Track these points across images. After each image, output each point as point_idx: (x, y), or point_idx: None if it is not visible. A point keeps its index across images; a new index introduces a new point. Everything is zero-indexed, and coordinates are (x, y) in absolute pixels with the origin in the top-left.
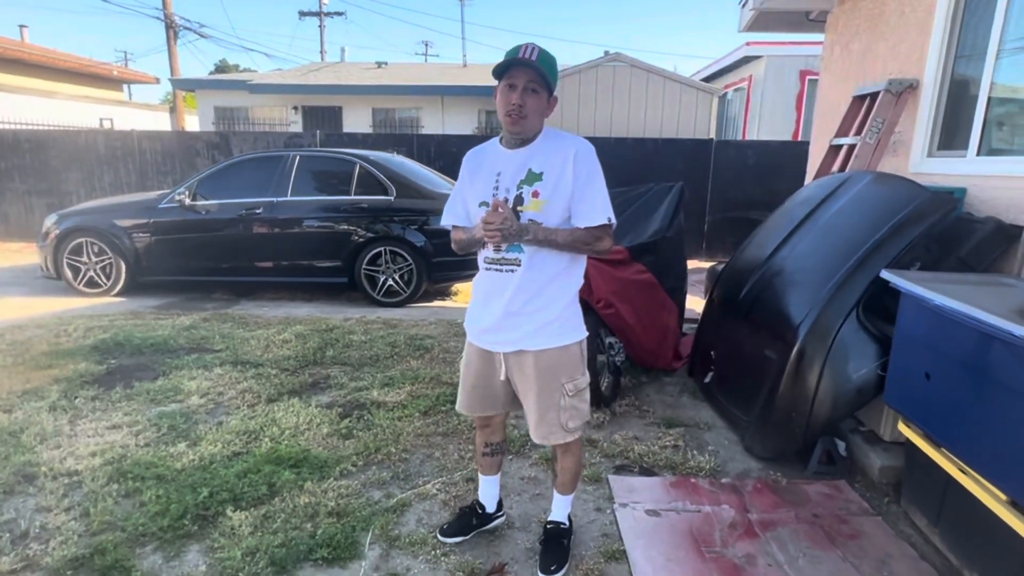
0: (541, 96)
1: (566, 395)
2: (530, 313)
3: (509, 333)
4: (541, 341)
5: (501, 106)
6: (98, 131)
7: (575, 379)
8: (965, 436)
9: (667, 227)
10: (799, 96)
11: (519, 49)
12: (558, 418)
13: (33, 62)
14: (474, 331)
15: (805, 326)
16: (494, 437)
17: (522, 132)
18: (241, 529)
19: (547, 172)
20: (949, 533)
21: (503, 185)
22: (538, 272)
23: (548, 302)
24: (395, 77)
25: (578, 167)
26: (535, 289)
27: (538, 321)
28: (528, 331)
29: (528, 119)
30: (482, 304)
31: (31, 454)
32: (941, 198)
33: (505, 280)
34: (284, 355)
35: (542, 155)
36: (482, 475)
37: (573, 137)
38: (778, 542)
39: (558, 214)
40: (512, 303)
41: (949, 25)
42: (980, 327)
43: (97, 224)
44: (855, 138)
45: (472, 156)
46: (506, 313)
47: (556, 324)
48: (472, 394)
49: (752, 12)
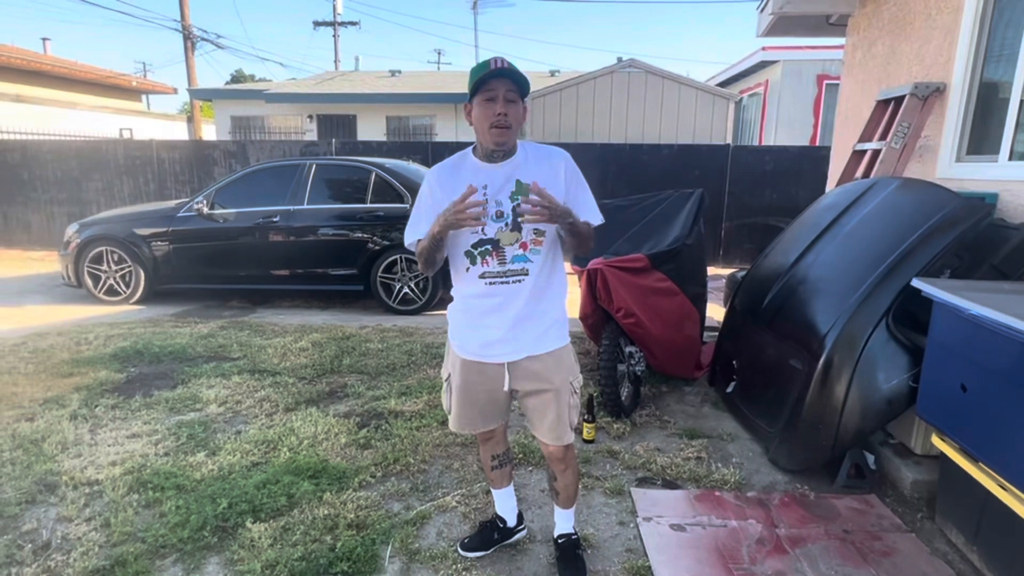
0: (519, 105)
1: (574, 393)
2: (535, 317)
3: (516, 343)
4: (549, 343)
5: (484, 119)
6: (118, 141)
7: (576, 375)
8: (1005, 451)
9: (687, 234)
10: (816, 100)
11: (488, 63)
12: (568, 416)
13: (55, 74)
14: (472, 348)
15: (832, 335)
16: (498, 448)
17: (508, 143)
18: (261, 541)
19: (540, 182)
20: (988, 551)
21: (492, 197)
22: (542, 279)
23: (549, 306)
24: (408, 85)
25: (569, 176)
26: (539, 295)
27: (543, 325)
28: (535, 336)
29: (512, 128)
30: (482, 319)
31: (53, 463)
32: (974, 204)
33: (514, 291)
34: (301, 363)
35: (530, 166)
36: (495, 489)
37: (554, 148)
38: (808, 559)
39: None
40: (523, 312)
41: (978, 26)
42: (1019, 337)
43: (117, 233)
44: (880, 143)
45: (445, 172)
46: (515, 321)
47: (557, 325)
48: (471, 411)
49: (771, 16)
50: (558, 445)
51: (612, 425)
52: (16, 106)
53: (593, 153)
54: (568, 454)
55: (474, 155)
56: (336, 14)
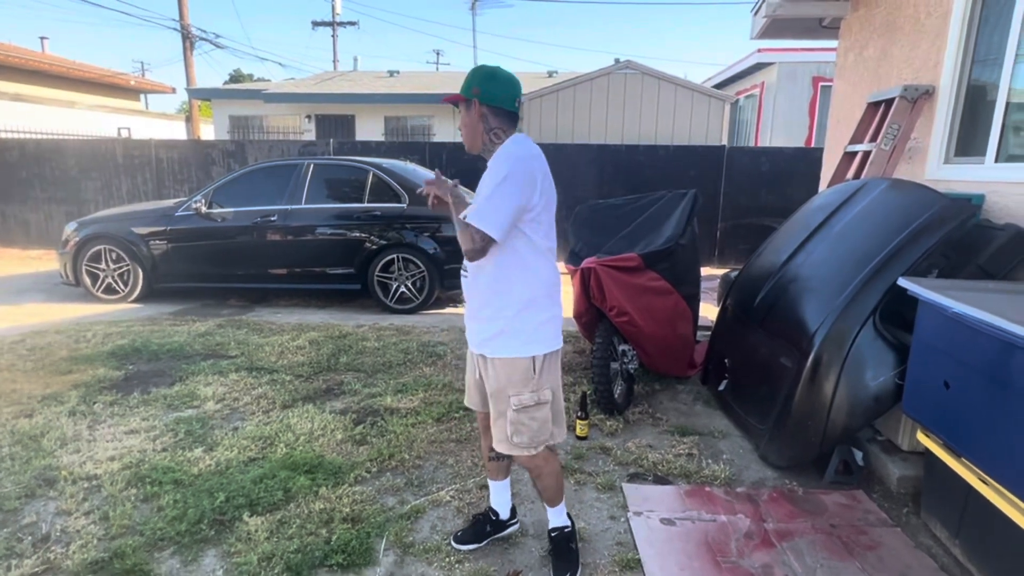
0: (466, 113)
1: (511, 408)
2: (483, 320)
3: (473, 336)
4: (492, 349)
5: None
6: (116, 140)
7: (520, 395)
8: (986, 446)
9: (681, 234)
10: (812, 102)
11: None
12: (505, 429)
13: (53, 73)
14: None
15: (821, 334)
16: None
17: (472, 149)
18: (257, 534)
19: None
20: (970, 545)
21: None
22: (478, 278)
23: (495, 312)
24: (407, 86)
25: (494, 167)
26: (482, 296)
27: (491, 330)
28: (484, 338)
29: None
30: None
31: (51, 458)
32: (959, 205)
33: (465, 285)
34: (298, 361)
35: (491, 163)
36: (491, 480)
37: (515, 144)
38: (795, 552)
39: None
40: (469, 307)
41: (965, 31)
42: (1001, 335)
43: (115, 232)
44: (870, 145)
45: None
46: (468, 316)
47: (505, 335)
48: (473, 390)
49: (765, 19)
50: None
51: (605, 422)
52: (14, 105)
53: (590, 154)
54: (532, 462)
55: None
56: (335, 14)
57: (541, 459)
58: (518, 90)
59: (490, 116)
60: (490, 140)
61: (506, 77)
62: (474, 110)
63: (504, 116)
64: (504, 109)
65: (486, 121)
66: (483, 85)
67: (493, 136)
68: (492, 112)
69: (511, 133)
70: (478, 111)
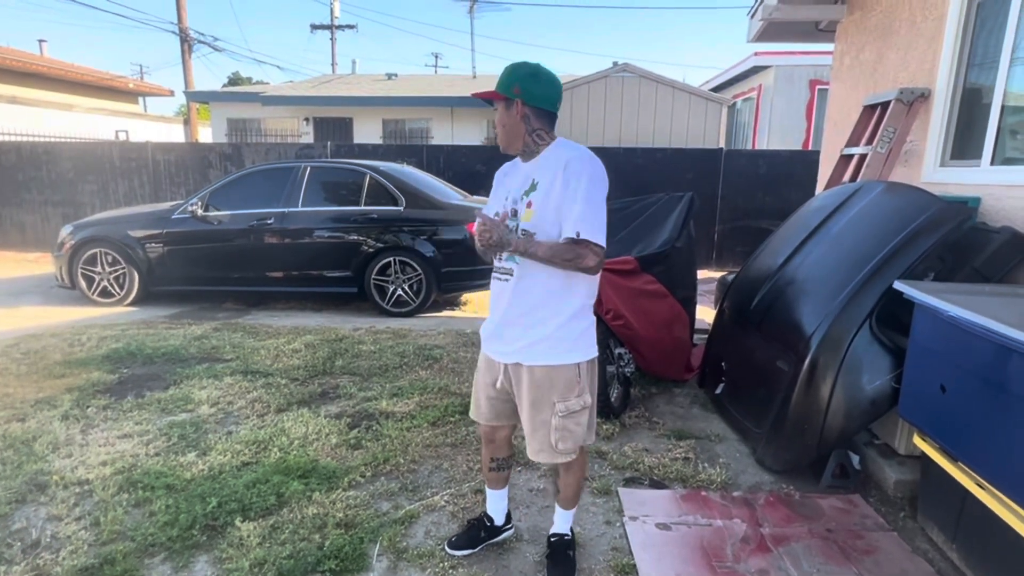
0: (504, 110)
1: (556, 415)
2: (524, 327)
3: (507, 344)
4: (535, 356)
5: None
6: (113, 143)
7: (567, 400)
8: (982, 450)
9: (677, 237)
10: (809, 105)
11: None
12: (548, 437)
13: (51, 75)
14: (484, 339)
15: (817, 337)
16: (500, 452)
17: (510, 148)
18: (249, 540)
19: (541, 183)
20: (967, 549)
21: (511, 196)
22: (530, 283)
23: (543, 318)
24: (405, 88)
25: (567, 176)
26: (529, 302)
27: (532, 336)
28: (522, 345)
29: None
30: (490, 312)
31: (43, 463)
32: (955, 207)
33: (502, 289)
34: (294, 365)
35: (543, 166)
36: (489, 488)
37: (575, 147)
38: (791, 557)
39: (548, 225)
40: (507, 313)
41: (961, 34)
42: (996, 339)
43: (111, 235)
44: (866, 148)
45: (500, 171)
46: (502, 322)
47: (551, 341)
48: (480, 398)
49: (761, 23)
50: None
51: (601, 426)
52: (12, 107)
53: None
54: (570, 464)
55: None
56: (333, 17)
57: (578, 463)
58: (560, 91)
59: (532, 117)
60: (533, 142)
61: (548, 76)
62: (515, 110)
63: (546, 117)
64: (546, 110)
65: (528, 122)
66: (525, 84)
67: (536, 138)
68: (534, 113)
69: (553, 135)
70: (520, 111)
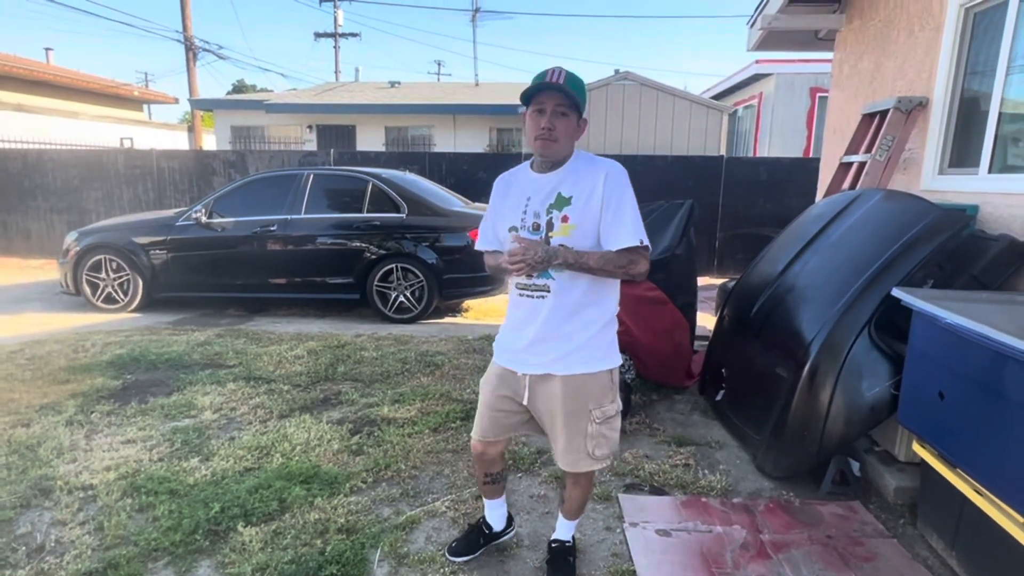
0: (571, 119)
1: (593, 422)
2: (559, 338)
3: (539, 357)
4: (569, 366)
5: (531, 130)
6: (118, 150)
7: (603, 406)
8: (980, 456)
9: (677, 244)
10: (810, 113)
11: (546, 73)
12: (585, 445)
13: (57, 83)
14: (502, 353)
15: (817, 344)
16: (493, 468)
17: (552, 155)
18: (252, 545)
19: (576, 196)
20: (966, 556)
21: (531, 209)
22: (567, 298)
23: (578, 328)
24: (408, 96)
25: (608, 190)
26: (564, 315)
27: (567, 346)
28: (557, 355)
29: (559, 142)
30: (514, 329)
31: (48, 468)
32: (953, 215)
33: (536, 306)
34: (296, 371)
35: (573, 179)
36: (487, 499)
37: (606, 160)
38: (791, 564)
39: (588, 239)
40: (543, 329)
41: (958, 43)
42: (993, 346)
43: (116, 241)
44: (865, 156)
45: (502, 181)
46: (536, 339)
47: (585, 350)
48: (487, 415)
49: (760, 32)
50: (569, 470)
51: None
52: (18, 115)
53: None
54: (583, 476)
55: (531, 166)
56: (337, 26)
57: (588, 476)
58: None
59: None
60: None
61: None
62: (580, 123)
63: None
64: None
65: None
66: (584, 99)
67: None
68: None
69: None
70: (582, 125)
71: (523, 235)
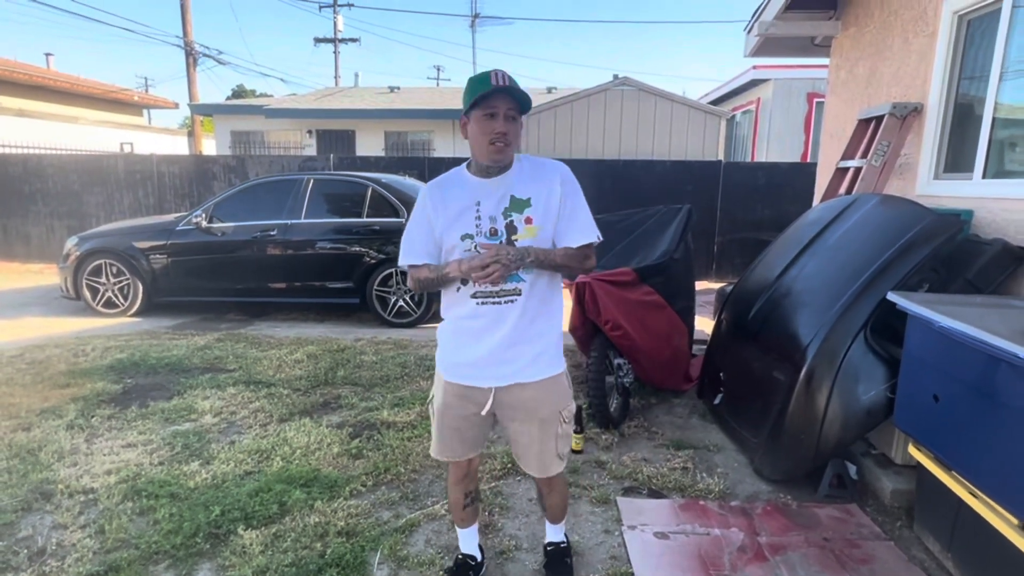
0: (519, 122)
1: (563, 422)
2: (530, 340)
3: (504, 367)
4: (539, 371)
5: (481, 135)
6: (118, 155)
7: (568, 405)
8: (974, 459)
9: (675, 248)
10: (807, 118)
11: (490, 76)
12: (555, 447)
13: (57, 88)
14: (457, 370)
15: (813, 347)
16: (471, 485)
17: (505, 160)
18: (252, 548)
19: (534, 198)
20: (962, 558)
21: (485, 214)
22: (535, 299)
23: (541, 332)
24: (407, 101)
25: (565, 189)
26: (532, 316)
27: (537, 347)
28: (527, 360)
29: (511, 147)
30: (471, 340)
31: (48, 472)
32: (947, 220)
33: (502, 312)
34: (296, 375)
35: (525, 181)
36: (463, 529)
37: (552, 161)
38: (788, 566)
39: (549, 239)
40: (513, 334)
41: (952, 49)
42: (987, 349)
43: (116, 246)
44: (861, 161)
45: (436, 189)
46: (504, 345)
47: (549, 354)
48: (454, 437)
49: (757, 38)
50: (545, 476)
51: (601, 436)
52: (19, 120)
53: (588, 169)
54: (556, 479)
55: (468, 170)
56: (337, 31)
57: (562, 478)
58: None
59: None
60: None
61: None
62: (521, 124)
63: None
64: None
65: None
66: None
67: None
68: None
69: None
70: (522, 125)
71: (483, 241)
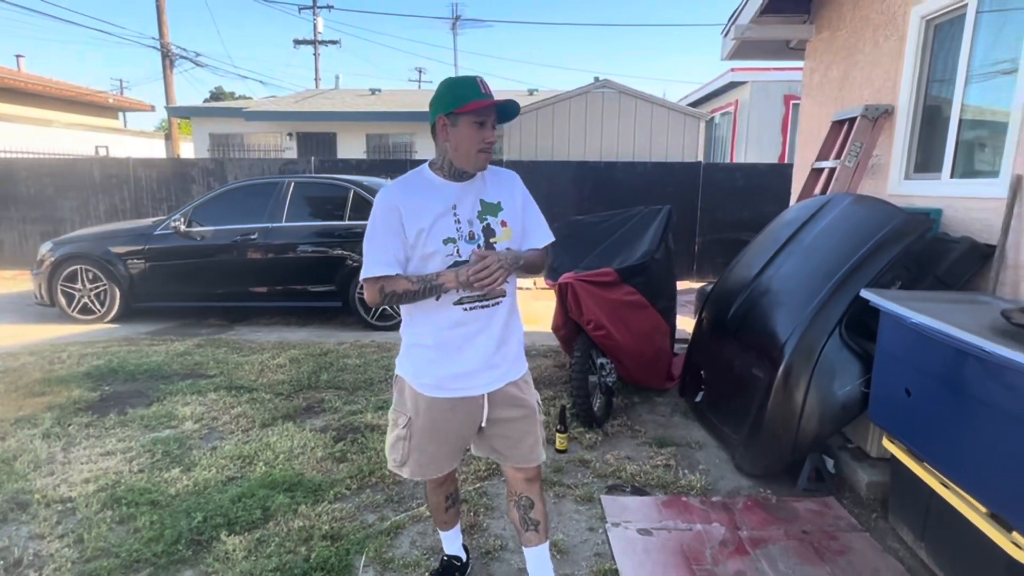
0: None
1: (540, 411)
2: (507, 342)
3: (494, 370)
4: (519, 368)
5: (470, 142)
6: (93, 159)
7: (538, 395)
8: (945, 450)
9: (656, 249)
10: (784, 119)
11: (477, 83)
12: (540, 436)
13: (29, 91)
14: (445, 383)
15: (790, 345)
16: (452, 487)
17: (483, 167)
18: (235, 554)
19: (504, 201)
20: (934, 547)
21: (463, 218)
22: (511, 298)
23: (514, 330)
24: (389, 103)
25: (524, 194)
26: (509, 314)
27: (513, 350)
28: (509, 363)
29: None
30: (457, 350)
31: (24, 481)
32: (916, 219)
33: (492, 315)
34: (278, 380)
35: (490, 186)
36: (445, 532)
37: (503, 168)
38: (768, 559)
39: (519, 241)
40: (503, 333)
41: (920, 53)
42: (955, 344)
43: (92, 251)
44: (835, 162)
45: (406, 191)
46: (494, 347)
47: (522, 349)
48: (439, 452)
49: (734, 41)
50: (536, 464)
51: (584, 435)
52: None
53: (569, 171)
54: (538, 484)
55: (432, 171)
56: (317, 33)
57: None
58: None
59: None
60: None
61: None
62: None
63: None
64: None
65: None
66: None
67: None
68: None
69: None
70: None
71: (463, 244)
